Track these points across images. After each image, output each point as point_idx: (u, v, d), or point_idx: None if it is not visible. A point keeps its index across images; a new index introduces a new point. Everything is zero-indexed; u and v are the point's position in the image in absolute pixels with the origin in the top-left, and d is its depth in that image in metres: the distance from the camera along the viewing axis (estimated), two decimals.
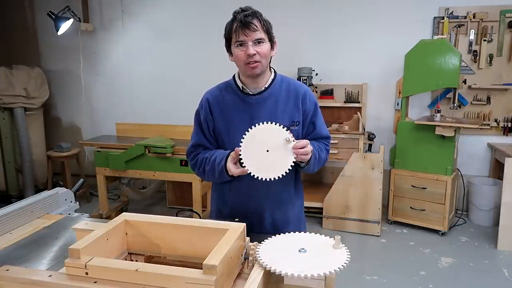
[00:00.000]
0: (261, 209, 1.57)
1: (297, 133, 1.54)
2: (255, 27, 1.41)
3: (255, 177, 1.36)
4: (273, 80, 1.55)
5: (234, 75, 1.59)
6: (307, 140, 1.41)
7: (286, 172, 1.36)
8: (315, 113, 1.58)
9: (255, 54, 1.42)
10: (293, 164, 1.36)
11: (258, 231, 1.51)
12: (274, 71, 1.58)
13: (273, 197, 1.56)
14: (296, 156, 1.36)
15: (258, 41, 1.43)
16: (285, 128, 1.37)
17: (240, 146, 1.38)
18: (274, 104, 1.53)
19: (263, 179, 1.36)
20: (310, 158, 1.43)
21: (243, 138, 1.38)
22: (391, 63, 3.99)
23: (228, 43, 1.50)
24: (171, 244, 1.17)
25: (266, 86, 1.53)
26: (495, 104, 3.88)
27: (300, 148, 1.35)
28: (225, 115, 1.55)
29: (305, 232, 1.22)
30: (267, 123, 1.38)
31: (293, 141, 1.36)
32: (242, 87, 1.54)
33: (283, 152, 1.36)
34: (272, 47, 1.49)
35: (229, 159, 1.45)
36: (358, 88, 4.12)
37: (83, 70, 4.84)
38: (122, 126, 4.40)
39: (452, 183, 3.57)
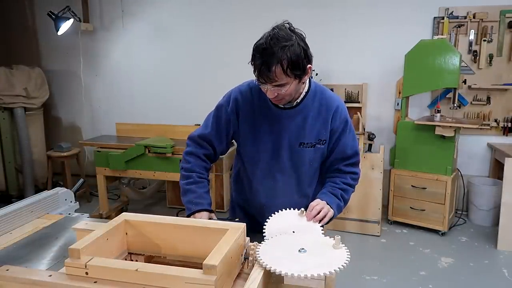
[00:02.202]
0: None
1: (322, 152, 1.51)
2: (273, 77, 1.29)
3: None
4: (306, 93, 1.47)
5: None
6: (319, 202, 1.40)
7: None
8: (343, 131, 1.50)
9: (276, 96, 1.36)
10: (322, 229, 1.34)
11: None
12: (309, 82, 1.49)
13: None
14: (319, 222, 1.35)
15: (279, 85, 1.33)
16: (293, 208, 1.38)
17: (263, 234, 1.31)
18: (303, 121, 1.47)
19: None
20: (334, 213, 1.43)
21: (265, 241, 1.27)
22: (391, 63, 3.99)
23: None
24: (171, 244, 1.17)
25: (298, 101, 1.46)
26: (495, 104, 3.88)
27: (316, 214, 1.35)
28: (252, 121, 1.50)
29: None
30: (274, 214, 1.38)
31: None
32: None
33: (306, 225, 1.34)
34: (300, 80, 1.36)
35: (203, 216, 1.44)
36: (358, 88, 4.12)
37: (83, 70, 4.83)
38: (122, 126, 4.40)
39: (452, 183, 3.57)
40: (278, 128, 1.48)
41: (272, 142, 1.49)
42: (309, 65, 1.35)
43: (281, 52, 1.25)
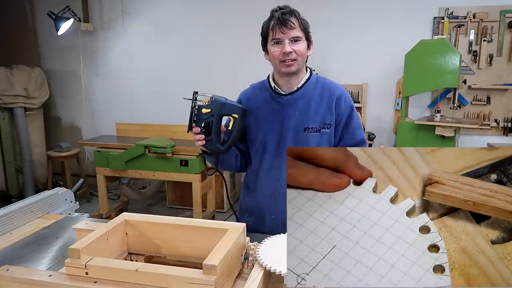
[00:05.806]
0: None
1: (328, 137, 1.50)
2: (292, 25, 1.40)
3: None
4: (307, 80, 1.52)
5: (269, 75, 1.58)
6: None
7: None
8: (350, 117, 1.52)
9: (291, 52, 1.41)
10: None
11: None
12: (310, 71, 1.56)
13: None
14: None
15: (295, 39, 1.41)
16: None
17: None
18: (306, 105, 1.50)
19: None
20: None
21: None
22: (391, 63, 3.99)
23: (264, 41, 1.49)
24: (171, 244, 1.17)
25: (299, 86, 1.51)
26: (495, 104, 3.88)
27: None
28: (256, 112, 1.55)
29: None
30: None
31: None
32: (274, 86, 1.53)
33: None
34: (308, 47, 1.48)
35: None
36: (358, 88, 4.12)
37: (83, 70, 4.83)
38: (122, 126, 4.40)
39: None
40: (282, 115, 1.51)
41: (277, 129, 1.51)
42: (312, 39, 1.50)
43: (295, 11, 1.46)
